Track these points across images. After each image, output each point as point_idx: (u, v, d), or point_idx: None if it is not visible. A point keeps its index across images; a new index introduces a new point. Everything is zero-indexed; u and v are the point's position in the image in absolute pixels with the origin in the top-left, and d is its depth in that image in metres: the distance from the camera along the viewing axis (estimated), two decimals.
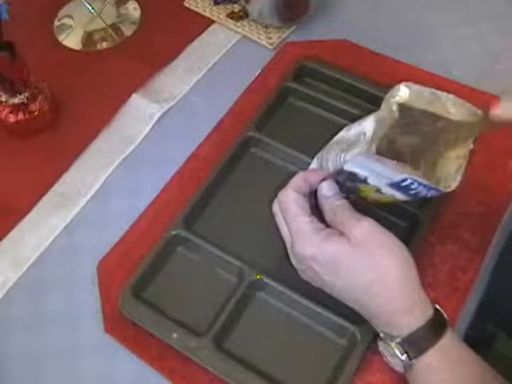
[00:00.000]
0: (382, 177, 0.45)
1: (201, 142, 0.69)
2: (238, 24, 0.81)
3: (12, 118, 0.69)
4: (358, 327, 0.53)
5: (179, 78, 0.77)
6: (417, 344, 0.45)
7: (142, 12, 0.85)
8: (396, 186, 0.46)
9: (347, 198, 0.50)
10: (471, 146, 0.45)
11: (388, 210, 0.58)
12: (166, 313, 0.56)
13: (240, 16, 0.82)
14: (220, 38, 0.81)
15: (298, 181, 0.50)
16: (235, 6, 0.83)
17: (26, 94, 0.69)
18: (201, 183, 0.63)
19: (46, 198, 0.66)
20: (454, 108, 0.45)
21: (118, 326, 0.56)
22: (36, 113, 0.70)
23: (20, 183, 0.68)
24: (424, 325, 0.45)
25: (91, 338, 0.57)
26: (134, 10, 0.85)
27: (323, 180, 0.50)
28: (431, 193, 0.46)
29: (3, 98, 0.68)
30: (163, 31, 0.82)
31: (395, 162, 0.43)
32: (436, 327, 0.46)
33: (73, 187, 0.67)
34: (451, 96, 0.45)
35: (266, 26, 0.80)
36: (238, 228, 0.61)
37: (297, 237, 0.48)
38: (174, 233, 0.60)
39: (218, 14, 0.83)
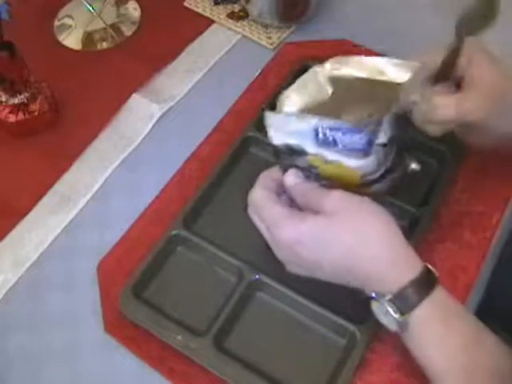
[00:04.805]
0: (305, 137, 0.45)
1: (201, 142, 0.69)
2: (238, 24, 0.81)
3: (12, 118, 0.69)
4: (357, 327, 0.53)
5: (179, 78, 0.77)
6: (407, 299, 0.45)
7: (142, 12, 0.85)
8: (322, 142, 0.45)
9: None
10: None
11: (388, 210, 0.58)
12: (166, 313, 0.56)
13: (240, 16, 0.82)
14: (220, 38, 0.81)
15: (263, 179, 0.51)
16: (235, 5, 0.83)
17: (26, 94, 0.69)
18: (201, 183, 0.63)
19: (45, 198, 0.67)
20: (391, 69, 0.44)
21: (118, 325, 0.56)
22: (36, 113, 0.70)
23: (20, 183, 0.68)
24: (413, 280, 0.45)
25: (91, 338, 0.57)
26: (134, 10, 0.85)
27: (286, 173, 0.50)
28: (355, 139, 0.44)
29: (3, 98, 0.68)
30: (163, 31, 0.82)
31: (303, 113, 0.43)
32: (426, 282, 0.46)
33: (73, 187, 0.67)
34: (389, 59, 0.45)
35: (266, 26, 0.80)
36: (238, 228, 0.61)
37: (273, 227, 0.48)
38: (174, 233, 0.60)
39: (218, 13, 0.83)
